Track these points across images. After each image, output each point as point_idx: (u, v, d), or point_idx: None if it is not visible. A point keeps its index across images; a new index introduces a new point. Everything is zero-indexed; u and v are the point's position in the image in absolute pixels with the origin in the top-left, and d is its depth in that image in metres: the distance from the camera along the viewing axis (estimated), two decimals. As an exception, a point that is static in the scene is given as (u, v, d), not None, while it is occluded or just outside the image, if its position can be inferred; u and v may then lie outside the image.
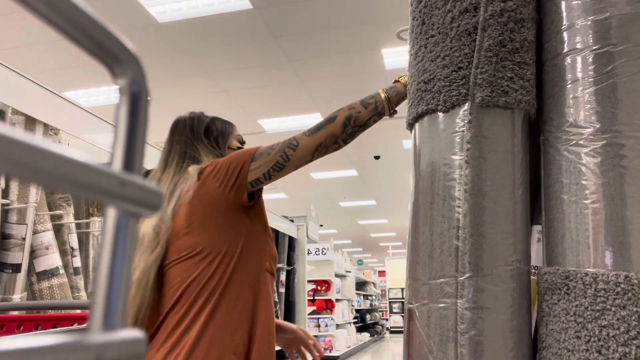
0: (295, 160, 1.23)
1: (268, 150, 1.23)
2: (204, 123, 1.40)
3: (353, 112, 1.26)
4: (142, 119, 0.31)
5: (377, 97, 1.30)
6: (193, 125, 1.38)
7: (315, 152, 1.24)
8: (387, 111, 1.32)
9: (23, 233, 2.34)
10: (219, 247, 1.19)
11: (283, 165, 1.22)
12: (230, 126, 1.44)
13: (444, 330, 0.95)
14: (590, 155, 0.89)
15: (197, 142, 1.35)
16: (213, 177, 1.21)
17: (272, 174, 1.22)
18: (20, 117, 2.41)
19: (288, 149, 1.22)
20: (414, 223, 1.08)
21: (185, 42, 5.03)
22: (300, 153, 1.22)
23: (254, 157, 1.22)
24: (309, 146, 1.23)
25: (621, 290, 0.80)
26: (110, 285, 0.28)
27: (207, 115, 1.43)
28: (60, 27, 0.26)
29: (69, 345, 0.24)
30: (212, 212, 1.20)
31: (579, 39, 0.94)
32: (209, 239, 1.19)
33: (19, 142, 0.21)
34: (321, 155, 1.25)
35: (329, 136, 1.23)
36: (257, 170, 1.21)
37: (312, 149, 1.23)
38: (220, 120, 1.44)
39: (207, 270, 1.18)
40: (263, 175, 1.21)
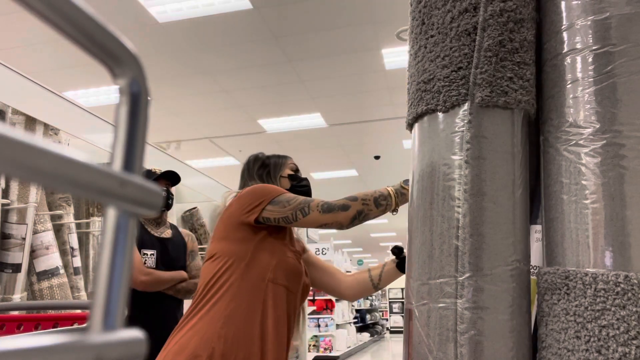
0: (301, 224, 1.41)
1: (285, 203, 1.41)
2: (260, 161, 1.65)
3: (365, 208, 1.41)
4: (142, 119, 0.31)
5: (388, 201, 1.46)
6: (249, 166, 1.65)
7: (319, 226, 1.42)
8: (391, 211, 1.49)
9: (23, 233, 2.34)
10: (225, 253, 1.41)
11: (290, 221, 1.41)
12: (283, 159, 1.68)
13: (443, 330, 0.95)
14: (590, 155, 0.89)
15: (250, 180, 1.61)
16: (238, 200, 1.45)
17: (279, 222, 1.41)
18: (20, 117, 2.41)
19: (299, 213, 1.40)
20: (414, 223, 1.08)
21: (185, 42, 5.03)
22: (306, 221, 1.40)
23: (273, 200, 1.41)
24: (315, 220, 1.40)
25: (621, 290, 0.80)
26: (110, 285, 0.28)
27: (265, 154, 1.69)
28: (60, 27, 0.26)
29: (69, 345, 0.24)
30: (231, 227, 1.43)
31: (578, 39, 0.94)
32: (222, 246, 1.43)
33: (19, 142, 0.21)
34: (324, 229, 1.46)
35: (336, 222, 1.40)
36: (270, 211, 1.40)
37: (317, 224, 1.41)
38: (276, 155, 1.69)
39: (212, 271, 1.40)
40: (273, 219, 1.41)
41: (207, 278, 1.41)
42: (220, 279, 1.38)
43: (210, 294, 1.38)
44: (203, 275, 1.43)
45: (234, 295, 1.37)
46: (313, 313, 8.95)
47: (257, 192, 1.44)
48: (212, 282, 1.39)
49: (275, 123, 7.28)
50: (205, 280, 1.41)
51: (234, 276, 1.39)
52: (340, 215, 1.38)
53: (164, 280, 2.32)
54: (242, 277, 1.39)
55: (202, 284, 1.42)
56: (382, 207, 1.42)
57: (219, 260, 1.41)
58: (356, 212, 1.39)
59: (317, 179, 10.17)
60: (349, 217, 1.38)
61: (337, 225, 1.39)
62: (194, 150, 8.18)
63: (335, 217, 1.38)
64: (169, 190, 2.53)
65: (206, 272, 1.42)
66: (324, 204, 1.40)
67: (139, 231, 2.39)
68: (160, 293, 2.32)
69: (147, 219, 2.47)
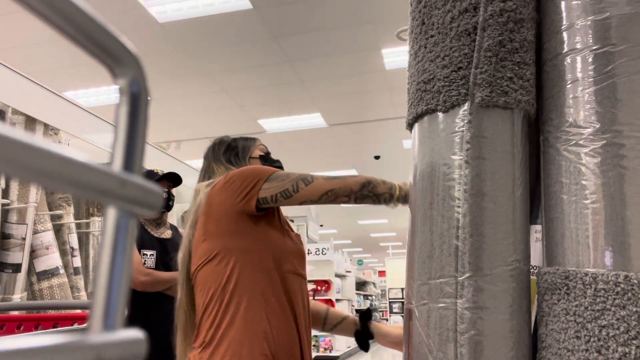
0: (303, 195, 1.26)
1: (283, 176, 1.28)
2: (225, 144, 1.52)
3: (374, 181, 1.29)
4: (142, 119, 0.31)
5: (393, 188, 1.32)
6: (214, 149, 1.51)
7: (324, 195, 1.26)
8: (393, 201, 1.34)
9: (23, 233, 2.34)
10: (232, 250, 1.28)
11: (290, 194, 1.25)
12: (251, 141, 1.55)
13: (443, 330, 0.95)
14: (590, 155, 0.89)
15: (215, 163, 1.47)
16: (227, 187, 1.29)
17: (279, 199, 1.26)
18: (20, 117, 2.41)
19: (301, 182, 1.26)
20: (414, 223, 1.08)
21: (185, 42, 5.03)
22: (310, 189, 1.25)
23: (269, 178, 1.27)
24: (320, 187, 1.26)
25: (621, 290, 0.80)
26: (110, 285, 0.28)
27: (231, 136, 1.55)
28: (61, 27, 0.26)
29: (69, 345, 0.24)
30: (226, 220, 1.28)
31: (578, 39, 0.94)
32: (223, 243, 1.28)
33: (19, 142, 0.21)
34: (328, 201, 1.27)
35: (344, 186, 1.26)
36: (267, 190, 1.26)
37: (322, 191, 1.25)
38: (243, 138, 1.55)
39: (224, 272, 1.27)
40: (271, 197, 1.26)
41: (215, 281, 1.27)
42: (231, 277, 1.26)
43: (231, 298, 1.25)
44: (208, 279, 1.28)
45: (260, 294, 1.26)
46: (313, 313, 8.93)
47: (248, 174, 1.29)
48: (224, 283, 1.26)
49: (275, 123, 7.28)
50: (213, 283, 1.27)
51: (251, 275, 1.27)
52: (348, 180, 1.26)
53: (164, 280, 2.32)
54: (260, 273, 1.28)
55: (211, 289, 1.27)
56: (388, 184, 1.30)
57: (222, 259, 1.28)
58: (365, 179, 1.27)
59: (317, 179, 10.15)
60: (359, 183, 1.25)
61: (344, 191, 1.25)
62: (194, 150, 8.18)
63: (344, 182, 1.25)
64: (170, 191, 2.52)
65: (211, 274, 1.28)
66: (328, 175, 1.28)
67: (139, 231, 2.39)
68: (159, 293, 2.32)
69: (147, 220, 2.47)
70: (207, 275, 1.29)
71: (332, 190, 1.25)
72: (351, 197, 1.26)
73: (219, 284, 1.26)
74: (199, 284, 1.31)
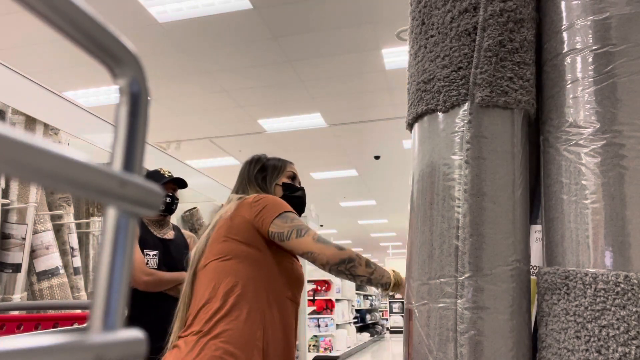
0: (290, 245, 1.38)
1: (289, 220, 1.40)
2: (260, 164, 1.64)
3: (357, 260, 1.37)
4: (142, 119, 0.31)
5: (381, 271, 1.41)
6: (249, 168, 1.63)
7: (305, 253, 1.38)
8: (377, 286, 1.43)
9: (23, 233, 2.34)
10: (247, 257, 1.39)
11: (282, 239, 1.38)
12: (282, 164, 1.66)
13: (443, 330, 0.95)
14: (590, 155, 0.89)
15: (249, 182, 1.60)
16: (252, 207, 1.43)
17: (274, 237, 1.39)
18: (20, 117, 2.41)
19: (295, 233, 1.38)
20: (414, 223, 1.08)
21: (185, 42, 5.03)
22: (297, 242, 1.37)
23: (280, 215, 1.41)
24: (305, 245, 1.37)
25: (621, 290, 0.80)
26: (110, 285, 0.28)
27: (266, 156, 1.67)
28: (60, 27, 0.26)
29: (69, 345, 0.24)
30: (245, 231, 1.41)
31: (578, 39, 0.94)
32: (241, 249, 1.40)
33: (19, 142, 0.21)
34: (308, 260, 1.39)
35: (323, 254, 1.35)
36: (272, 225, 1.40)
37: (304, 250, 1.37)
38: (276, 159, 1.67)
39: (236, 274, 1.37)
40: (270, 233, 1.40)
41: (224, 279, 1.36)
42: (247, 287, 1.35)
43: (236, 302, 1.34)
44: (218, 274, 1.38)
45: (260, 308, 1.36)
46: (313, 313, 8.94)
47: (271, 204, 1.43)
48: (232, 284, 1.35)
49: (275, 123, 7.28)
50: (221, 281, 1.36)
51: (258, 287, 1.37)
52: (330, 250, 1.35)
53: (166, 280, 2.33)
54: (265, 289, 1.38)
55: (217, 284, 1.36)
56: (370, 269, 1.38)
57: (241, 264, 1.38)
58: (348, 257, 1.35)
59: (317, 179, 10.17)
60: (337, 257, 1.34)
61: (322, 259, 1.34)
62: (194, 150, 8.18)
63: (324, 249, 1.35)
64: (175, 195, 2.51)
65: (222, 272, 1.37)
66: (320, 236, 1.38)
67: (142, 231, 2.39)
68: (162, 293, 2.33)
69: (150, 220, 2.47)
70: (219, 270, 1.38)
71: (312, 253, 1.36)
72: (326, 268, 1.36)
73: (228, 284, 1.35)
74: (207, 275, 1.39)
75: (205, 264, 1.41)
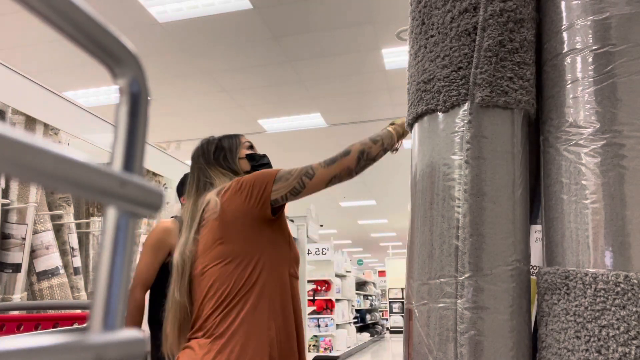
0: (310, 188, 1.36)
1: (287, 176, 1.36)
2: (213, 144, 1.55)
3: (365, 147, 1.38)
4: (142, 119, 0.31)
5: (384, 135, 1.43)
6: (204, 151, 1.54)
7: (329, 182, 1.36)
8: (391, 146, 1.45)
9: (23, 233, 2.34)
10: (250, 255, 1.36)
11: (299, 191, 1.36)
12: (236, 139, 1.58)
13: (443, 330, 0.95)
14: (590, 155, 0.89)
15: (209, 167, 1.52)
16: (239, 194, 1.37)
17: (289, 197, 1.36)
18: (20, 117, 2.41)
19: (305, 177, 1.35)
20: (414, 223, 1.08)
21: (185, 42, 5.03)
22: (315, 181, 1.35)
23: (275, 179, 1.36)
24: (324, 177, 1.35)
25: (621, 290, 0.80)
26: (110, 285, 0.28)
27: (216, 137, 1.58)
28: (60, 27, 0.26)
29: (69, 345, 0.24)
30: (242, 225, 1.36)
31: (578, 39, 0.94)
32: (240, 248, 1.36)
33: (19, 142, 0.21)
34: (334, 184, 1.38)
35: (344, 169, 1.36)
36: (276, 191, 1.35)
37: (327, 179, 1.36)
38: (227, 136, 1.59)
39: (242, 275, 1.34)
40: (281, 197, 1.36)
41: (229, 282, 1.33)
42: (248, 281, 1.33)
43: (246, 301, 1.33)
44: (221, 279, 1.34)
45: (268, 295, 1.34)
46: (313, 313, 8.94)
47: (257, 180, 1.37)
48: (240, 286, 1.33)
49: (275, 123, 7.28)
50: (227, 284, 1.33)
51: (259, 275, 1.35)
52: (344, 160, 1.35)
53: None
54: (270, 274, 1.36)
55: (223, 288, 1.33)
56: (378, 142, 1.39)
57: (239, 263, 1.34)
58: (358, 152, 1.36)
59: (317, 179, 10.15)
60: (354, 159, 1.35)
61: (347, 172, 1.35)
62: (194, 150, 8.17)
63: (341, 164, 1.35)
64: None
65: (226, 276, 1.34)
66: (325, 160, 1.36)
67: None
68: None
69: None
70: (223, 275, 1.35)
71: (334, 177, 1.35)
72: (352, 174, 1.37)
73: (237, 286, 1.33)
74: (208, 280, 1.36)
75: (203, 269, 1.37)
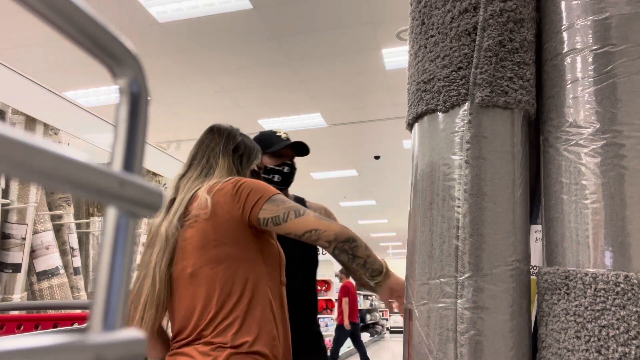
0: (290, 226, 1.29)
1: (280, 202, 1.31)
2: (238, 139, 1.50)
3: (359, 241, 1.32)
4: (142, 119, 0.31)
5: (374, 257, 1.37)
6: (229, 139, 1.48)
7: (308, 232, 1.29)
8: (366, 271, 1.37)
9: (23, 233, 2.34)
10: (248, 259, 1.32)
11: (279, 222, 1.29)
12: (257, 150, 1.55)
13: (443, 330, 0.95)
14: (590, 155, 0.89)
15: (223, 155, 1.45)
16: (234, 198, 1.31)
17: (268, 224, 1.30)
18: (20, 117, 2.41)
19: (292, 213, 1.29)
20: (414, 223, 1.08)
21: (185, 42, 5.03)
22: (297, 223, 1.29)
23: (270, 199, 1.31)
24: (307, 223, 1.29)
25: (621, 290, 0.80)
26: (110, 285, 0.28)
27: (240, 132, 1.53)
28: (60, 27, 0.26)
29: (69, 345, 0.24)
30: (236, 229, 1.31)
31: (578, 39, 0.94)
32: (235, 254, 1.31)
33: (19, 142, 0.21)
34: (310, 240, 1.30)
35: (329, 231, 1.28)
36: (264, 211, 1.30)
37: (308, 228, 1.28)
38: (250, 140, 1.55)
39: (241, 280, 1.30)
40: (264, 220, 1.30)
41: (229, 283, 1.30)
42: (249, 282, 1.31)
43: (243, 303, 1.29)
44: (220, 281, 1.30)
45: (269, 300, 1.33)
46: (313, 313, 8.93)
47: (253, 190, 1.31)
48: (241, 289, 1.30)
49: (275, 123, 7.28)
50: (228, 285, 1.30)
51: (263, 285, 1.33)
52: (337, 226, 1.29)
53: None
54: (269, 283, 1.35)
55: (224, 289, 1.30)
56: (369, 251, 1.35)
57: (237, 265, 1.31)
58: (352, 235, 1.31)
59: (317, 179, 10.17)
60: (344, 234, 1.29)
61: (329, 235, 1.27)
62: (194, 150, 8.17)
63: (330, 225, 1.28)
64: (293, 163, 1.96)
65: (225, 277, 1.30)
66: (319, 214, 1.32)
67: None
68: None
69: None
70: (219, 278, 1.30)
71: (316, 230, 1.28)
72: (331, 245, 1.29)
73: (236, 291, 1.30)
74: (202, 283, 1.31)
75: (195, 270, 1.31)
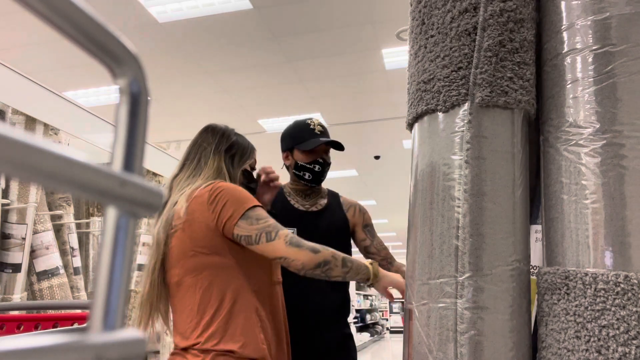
0: (260, 249, 1.28)
1: (254, 221, 1.29)
2: (230, 139, 1.48)
3: (332, 262, 1.29)
4: (142, 119, 0.31)
5: (358, 265, 1.34)
6: (222, 139, 1.47)
7: (277, 258, 1.28)
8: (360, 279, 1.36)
9: (23, 233, 2.34)
10: (224, 269, 1.31)
11: (251, 243, 1.28)
12: (251, 149, 1.53)
13: (443, 330, 0.95)
14: (590, 155, 0.89)
15: (214, 155, 1.44)
16: (210, 207, 1.30)
17: (240, 240, 1.29)
18: (20, 117, 2.41)
19: (264, 236, 1.28)
20: (414, 223, 1.08)
21: (185, 42, 5.03)
22: (267, 247, 1.27)
23: (244, 214, 1.29)
24: (277, 249, 1.27)
25: (621, 290, 0.80)
26: (110, 285, 0.28)
27: (235, 132, 1.53)
28: (60, 27, 0.26)
29: (69, 345, 0.24)
30: (212, 238, 1.30)
31: (578, 39, 0.94)
32: (214, 262, 1.30)
33: (19, 142, 0.21)
34: (282, 264, 1.29)
35: (298, 260, 1.27)
36: (238, 227, 1.28)
37: (277, 254, 1.27)
38: (244, 139, 1.53)
39: (224, 288, 1.29)
40: (236, 235, 1.29)
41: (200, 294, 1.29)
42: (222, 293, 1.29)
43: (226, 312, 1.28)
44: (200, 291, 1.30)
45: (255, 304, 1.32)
46: (313, 313, 8.92)
47: (234, 199, 1.30)
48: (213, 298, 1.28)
49: (275, 123, 7.28)
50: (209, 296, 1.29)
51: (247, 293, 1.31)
52: (306, 254, 1.26)
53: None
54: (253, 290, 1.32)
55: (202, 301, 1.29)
56: (347, 268, 1.31)
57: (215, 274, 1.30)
58: (323, 259, 1.27)
59: (317, 179, 10.15)
60: (313, 261, 1.26)
61: (297, 264, 1.26)
62: (194, 150, 8.17)
63: (299, 254, 1.26)
64: (326, 160, 1.86)
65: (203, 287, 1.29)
66: (292, 238, 1.27)
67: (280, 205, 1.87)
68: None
69: (293, 189, 1.93)
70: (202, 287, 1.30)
71: (285, 259, 1.27)
72: (301, 272, 1.28)
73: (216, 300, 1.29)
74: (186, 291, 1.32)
75: (179, 279, 1.32)
